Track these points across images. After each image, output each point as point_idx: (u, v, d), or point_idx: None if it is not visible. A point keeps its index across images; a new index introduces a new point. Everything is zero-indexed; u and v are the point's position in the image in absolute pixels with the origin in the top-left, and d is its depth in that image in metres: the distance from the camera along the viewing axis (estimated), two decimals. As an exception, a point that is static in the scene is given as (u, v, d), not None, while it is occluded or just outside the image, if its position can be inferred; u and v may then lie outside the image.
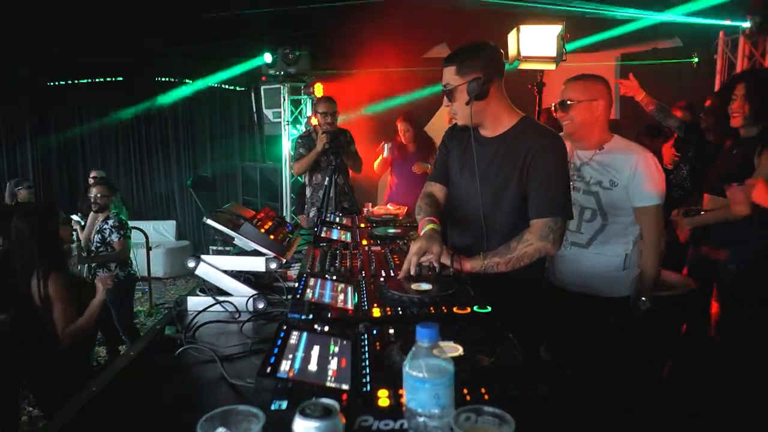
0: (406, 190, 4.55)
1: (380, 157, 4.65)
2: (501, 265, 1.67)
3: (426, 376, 0.76)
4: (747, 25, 5.04)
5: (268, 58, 5.76)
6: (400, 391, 0.84)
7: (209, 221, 1.77)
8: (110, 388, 1.20)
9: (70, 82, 7.40)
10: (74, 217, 4.29)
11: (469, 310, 1.28)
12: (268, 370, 0.91)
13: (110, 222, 3.92)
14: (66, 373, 2.30)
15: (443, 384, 0.77)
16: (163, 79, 7.49)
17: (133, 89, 7.53)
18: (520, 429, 0.73)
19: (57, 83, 7.32)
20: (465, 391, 0.87)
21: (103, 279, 2.54)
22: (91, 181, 5.11)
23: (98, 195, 3.94)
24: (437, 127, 4.78)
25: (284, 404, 0.84)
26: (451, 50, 1.78)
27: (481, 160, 1.77)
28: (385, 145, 4.57)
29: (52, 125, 7.58)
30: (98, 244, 3.88)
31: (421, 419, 0.77)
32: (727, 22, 5.18)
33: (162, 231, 7.61)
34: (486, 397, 0.87)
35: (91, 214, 4.02)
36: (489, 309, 1.28)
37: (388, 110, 5.96)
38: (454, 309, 1.28)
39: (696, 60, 5.55)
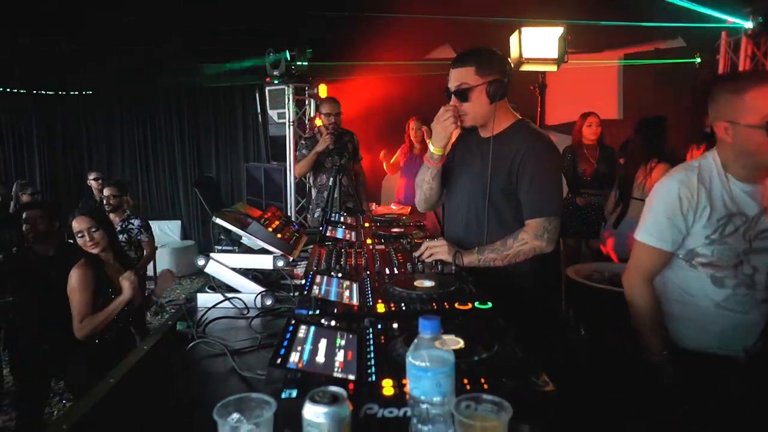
0: (408, 197, 4.65)
1: (396, 156, 4.83)
2: (497, 261, 1.76)
3: (428, 365, 0.81)
4: (749, 25, 5.07)
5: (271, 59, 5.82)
6: (404, 381, 0.89)
7: (218, 220, 1.82)
8: (126, 380, 1.25)
9: (74, 83, 7.47)
10: None
11: (470, 305, 1.32)
12: (279, 361, 0.96)
13: (136, 222, 3.98)
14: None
15: (445, 373, 0.81)
16: (167, 79, 7.54)
17: (138, 91, 7.59)
18: (517, 417, 0.78)
19: (62, 84, 7.39)
20: (465, 381, 0.91)
21: (129, 277, 2.46)
22: (92, 183, 5.12)
23: (111, 196, 3.99)
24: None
25: (294, 393, 0.88)
26: (454, 51, 1.83)
27: (475, 159, 1.85)
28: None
29: (58, 127, 7.66)
30: (123, 244, 3.89)
31: (424, 406, 0.82)
32: (730, 23, 5.21)
33: (167, 231, 7.68)
34: (485, 387, 0.92)
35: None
36: (490, 305, 1.32)
37: (390, 111, 6.00)
38: (456, 305, 1.32)
39: (698, 60, 5.58)
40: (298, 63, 5.75)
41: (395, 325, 1.17)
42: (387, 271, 1.65)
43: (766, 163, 1.47)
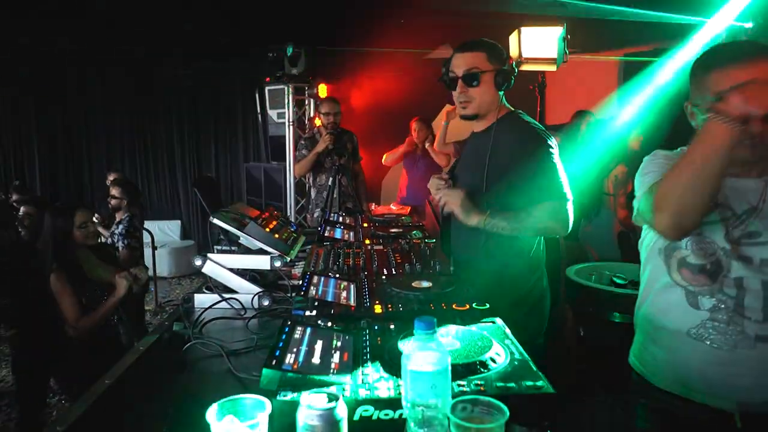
0: (416, 191, 4.65)
1: (401, 149, 4.79)
2: (505, 229, 1.72)
3: (424, 367, 0.80)
4: (750, 25, 5.06)
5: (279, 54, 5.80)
6: (400, 383, 0.88)
7: (215, 220, 1.81)
8: (122, 380, 1.25)
9: (75, 82, 7.46)
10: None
11: (467, 306, 1.31)
12: (274, 362, 0.95)
13: (119, 228, 3.84)
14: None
15: (440, 375, 0.81)
16: (168, 78, 7.54)
17: (138, 89, 7.59)
18: (514, 419, 0.77)
19: (62, 83, 7.38)
20: (461, 383, 0.91)
21: (126, 276, 2.53)
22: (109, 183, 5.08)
23: (112, 196, 3.93)
24: (440, 127, 4.83)
25: (289, 394, 0.88)
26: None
27: (469, 154, 1.88)
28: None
29: (58, 125, 7.65)
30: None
31: (419, 409, 0.81)
32: (730, 23, 5.19)
33: (167, 231, 7.67)
34: (482, 389, 0.91)
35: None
36: (487, 306, 1.32)
37: (390, 111, 6.00)
38: (453, 306, 1.32)
39: (698, 60, 5.57)
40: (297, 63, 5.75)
41: (392, 326, 1.17)
42: (385, 271, 1.64)
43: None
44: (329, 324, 1.15)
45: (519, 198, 1.74)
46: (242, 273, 1.80)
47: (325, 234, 2.21)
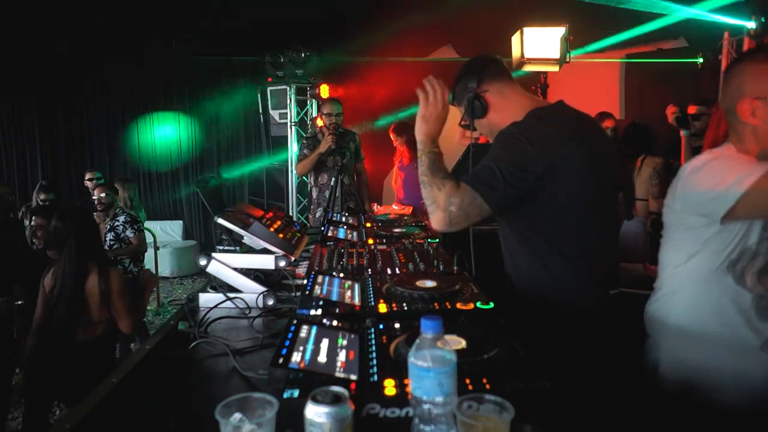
0: (412, 192, 4.70)
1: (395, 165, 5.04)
2: (421, 172, 1.50)
3: (430, 365, 0.81)
4: (752, 25, 5.06)
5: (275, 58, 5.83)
6: (406, 381, 0.89)
7: (220, 220, 1.82)
8: (129, 379, 1.25)
9: (77, 83, 7.48)
10: None
11: (472, 306, 1.32)
12: (281, 360, 0.95)
13: (121, 219, 4.02)
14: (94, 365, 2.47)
15: (446, 373, 0.81)
16: (169, 79, 7.56)
17: (139, 89, 7.60)
18: (520, 417, 0.78)
19: (63, 84, 7.40)
20: (467, 381, 0.91)
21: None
22: (87, 183, 5.07)
23: (101, 196, 4.03)
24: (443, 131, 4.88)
25: (296, 393, 0.88)
26: (456, 51, 1.78)
27: None
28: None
29: (60, 125, 7.67)
30: (111, 242, 3.94)
31: (426, 406, 0.81)
32: (732, 23, 5.20)
33: (169, 231, 7.68)
34: (488, 387, 0.91)
35: (97, 215, 4.07)
36: (491, 305, 1.32)
37: (391, 111, 6.01)
38: (458, 305, 1.32)
39: (700, 60, 5.57)
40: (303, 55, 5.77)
41: (397, 325, 1.17)
42: (389, 271, 1.65)
43: None
44: (334, 323, 1.16)
45: (526, 220, 1.53)
46: (246, 273, 1.80)
47: (329, 234, 2.21)
